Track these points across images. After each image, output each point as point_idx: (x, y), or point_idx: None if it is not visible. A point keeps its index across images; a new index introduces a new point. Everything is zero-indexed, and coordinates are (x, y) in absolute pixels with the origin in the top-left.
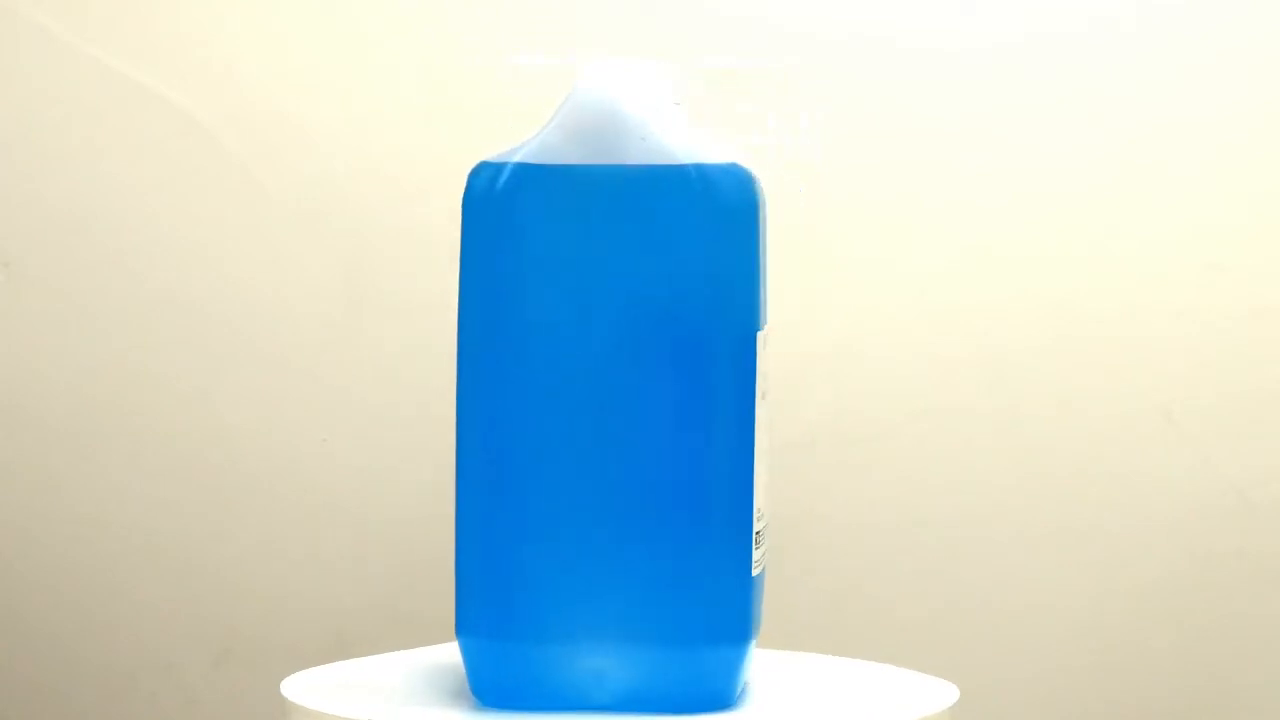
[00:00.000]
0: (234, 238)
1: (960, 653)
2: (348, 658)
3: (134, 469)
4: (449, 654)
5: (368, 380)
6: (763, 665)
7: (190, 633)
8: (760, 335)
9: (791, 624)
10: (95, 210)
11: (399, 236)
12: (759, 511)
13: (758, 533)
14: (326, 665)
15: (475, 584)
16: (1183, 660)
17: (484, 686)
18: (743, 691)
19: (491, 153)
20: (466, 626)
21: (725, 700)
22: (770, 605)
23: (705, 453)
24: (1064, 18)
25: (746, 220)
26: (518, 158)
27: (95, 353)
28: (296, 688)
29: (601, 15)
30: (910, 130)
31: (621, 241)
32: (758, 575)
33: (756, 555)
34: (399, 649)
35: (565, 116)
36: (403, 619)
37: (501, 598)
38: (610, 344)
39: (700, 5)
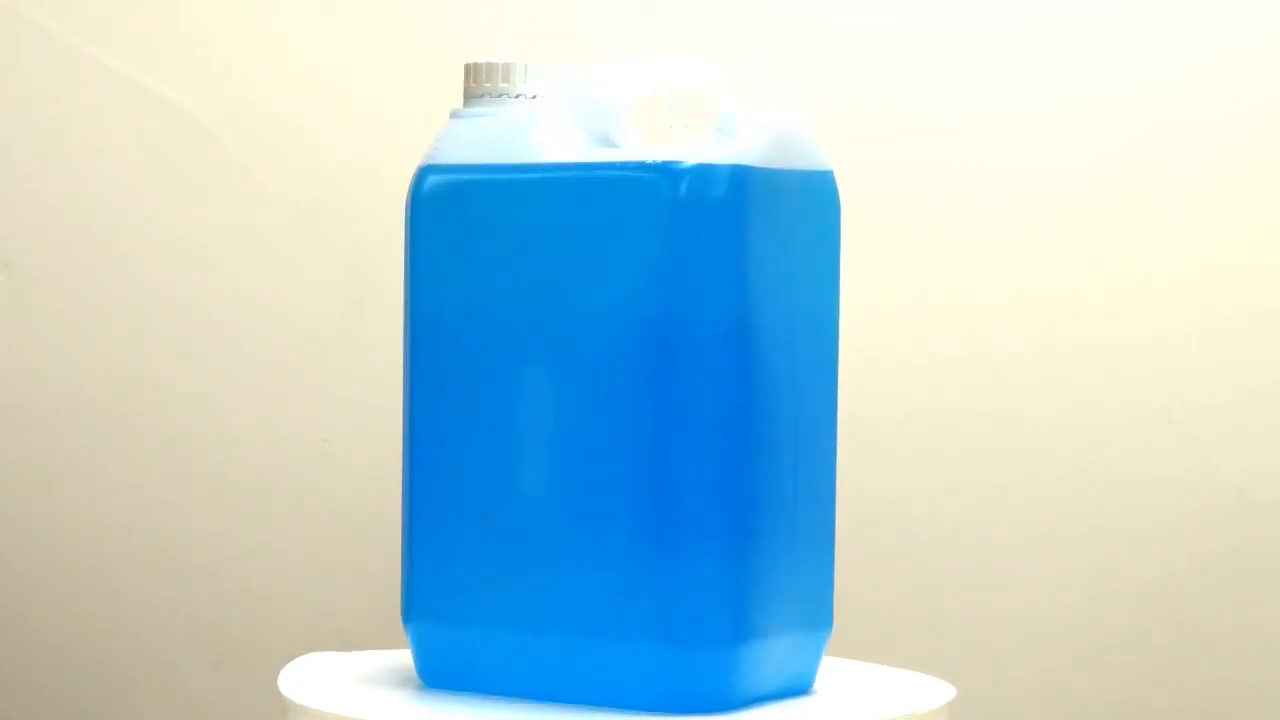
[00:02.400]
0: (234, 238)
1: (960, 652)
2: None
3: (134, 469)
4: None
5: (368, 380)
6: None
7: (190, 633)
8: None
9: None
10: (95, 210)
11: (399, 236)
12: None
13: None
14: (322, 652)
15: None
16: (1183, 660)
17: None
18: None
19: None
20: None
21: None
22: None
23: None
24: (1064, 18)
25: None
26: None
27: (95, 353)
28: (292, 682)
29: (602, 16)
30: (910, 131)
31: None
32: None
33: None
34: (399, 649)
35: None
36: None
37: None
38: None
39: (699, 5)
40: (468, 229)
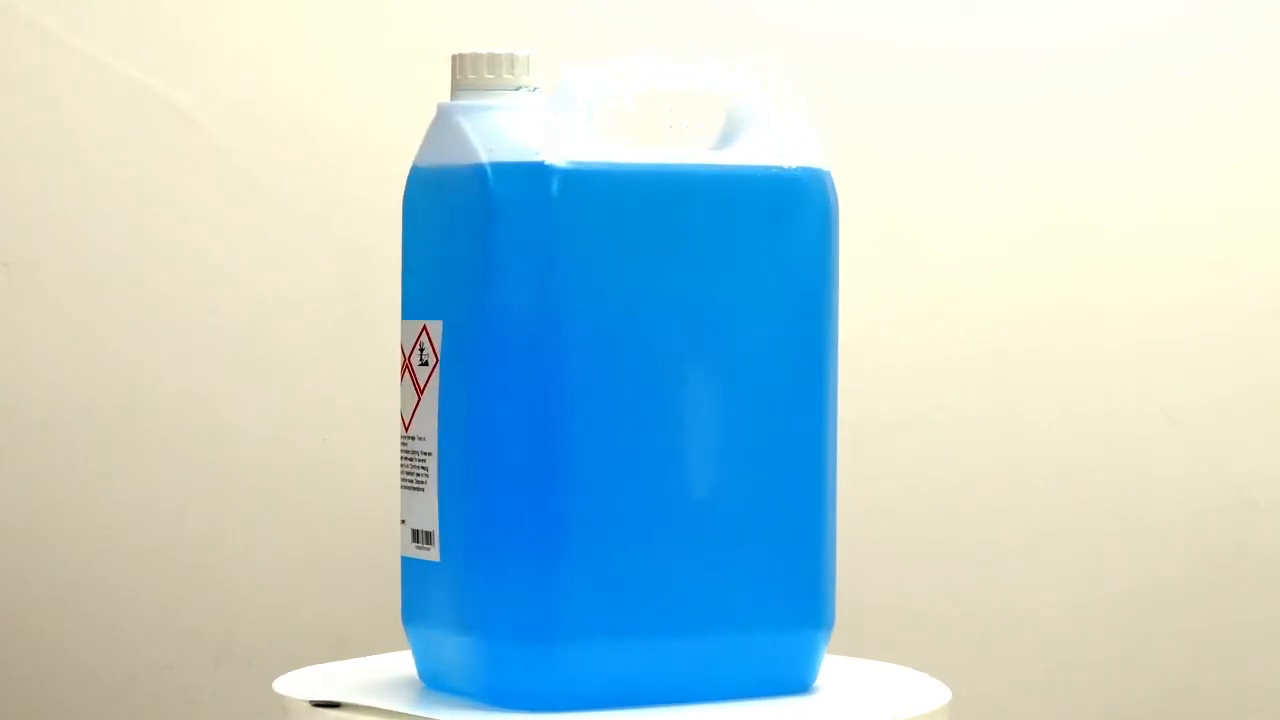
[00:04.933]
0: (234, 238)
1: (960, 652)
2: (347, 658)
3: (134, 469)
4: None
5: (368, 380)
6: None
7: (190, 633)
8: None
9: None
10: (95, 210)
11: (399, 236)
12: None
13: None
14: (321, 664)
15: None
16: (1183, 660)
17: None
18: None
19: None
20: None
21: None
22: None
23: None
24: (1064, 19)
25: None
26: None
27: (95, 353)
28: (291, 686)
29: (602, 16)
30: (911, 131)
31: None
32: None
33: None
34: (399, 649)
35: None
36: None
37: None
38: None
39: (697, 4)
40: (612, 231)
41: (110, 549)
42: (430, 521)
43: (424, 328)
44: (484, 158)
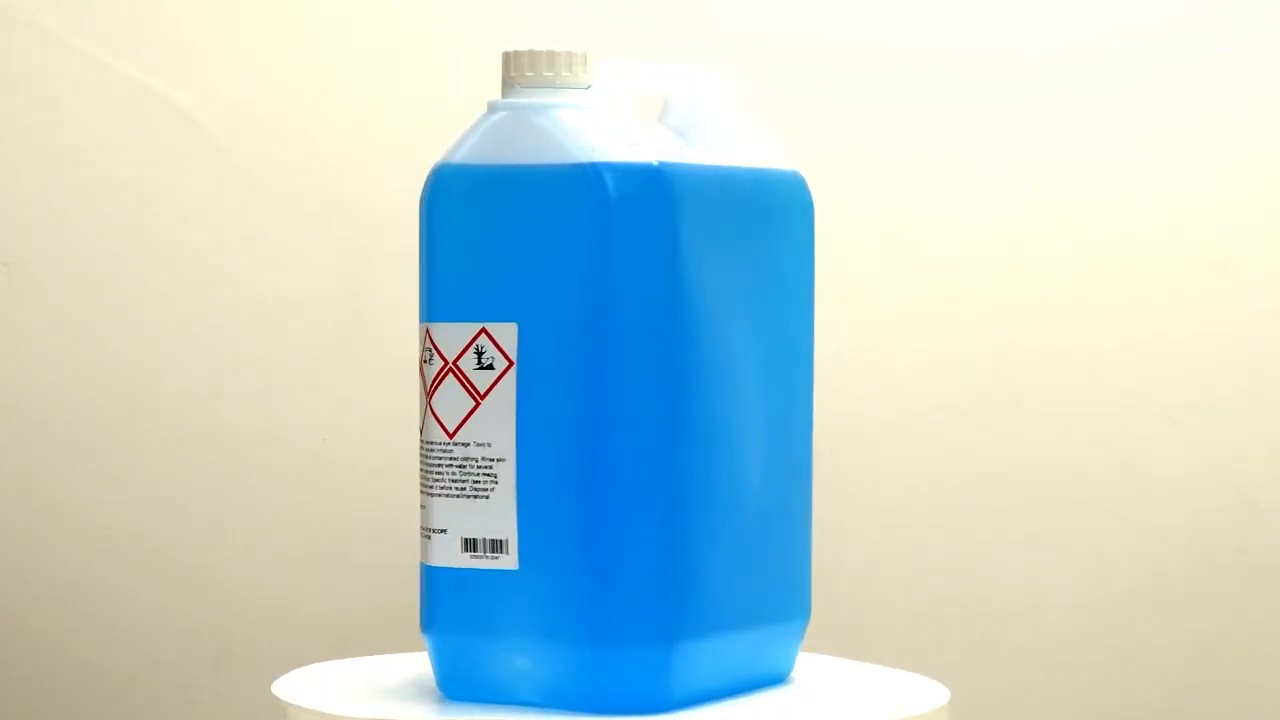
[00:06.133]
0: (234, 238)
1: (959, 652)
2: (347, 658)
3: (134, 469)
4: None
5: (368, 381)
6: None
7: (190, 633)
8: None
9: None
10: (95, 210)
11: (399, 237)
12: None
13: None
14: (319, 664)
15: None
16: (1183, 660)
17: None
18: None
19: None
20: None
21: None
22: None
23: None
24: (1064, 19)
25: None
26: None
27: (95, 353)
28: (289, 687)
29: (602, 17)
30: (911, 131)
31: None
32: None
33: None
34: (398, 650)
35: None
36: (402, 619)
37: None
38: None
39: (697, 10)
40: (696, 230)
41: (110, 549)
42: (502, 529)
43: (482, 330)
44: (587, 157)
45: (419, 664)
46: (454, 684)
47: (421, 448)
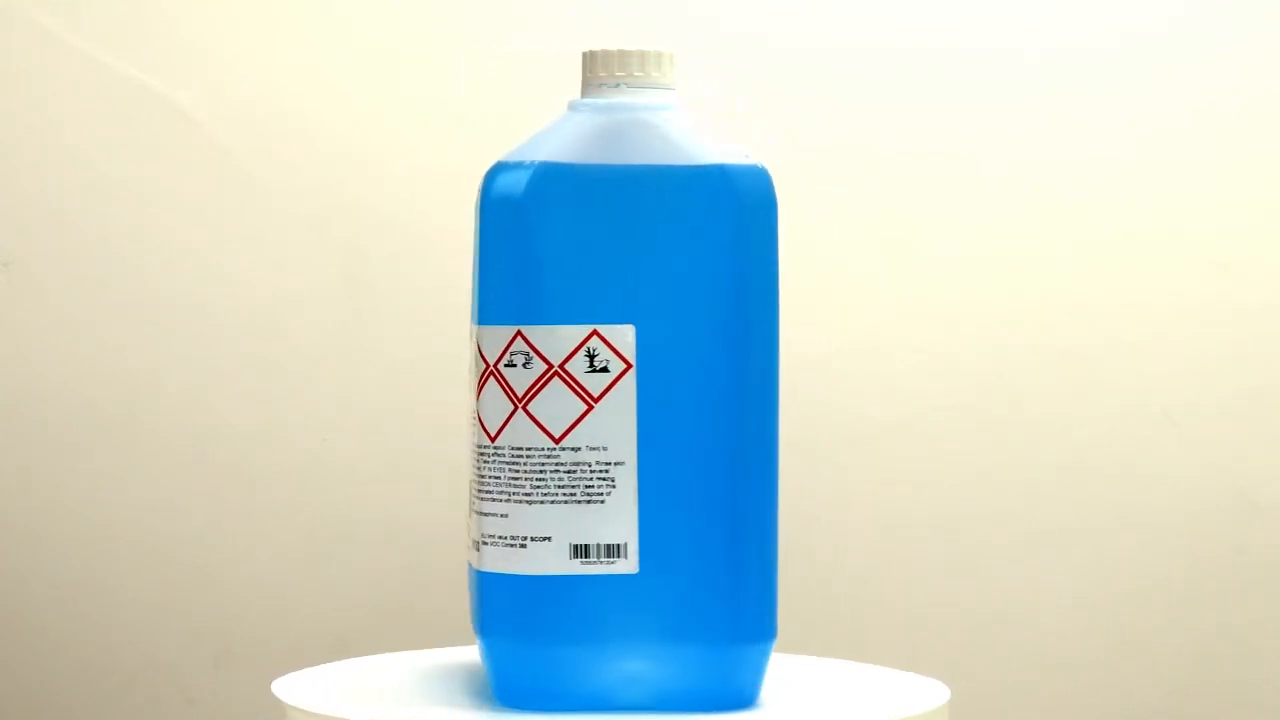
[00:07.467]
0: (234, 238)
1: (958, 653)
2: (347, 658)
3: (134, 469)
4: (450, 656)
5: (368, 380)
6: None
7: (190, 633)
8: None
9: (791, 624)
10: (95, 210)
11: (399, 236)
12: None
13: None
14: (319, 666)
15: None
16: (1183, 660)
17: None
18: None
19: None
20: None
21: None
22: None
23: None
24: (1064, 19)
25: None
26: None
27: (95, 353)
28: (289, 688)
29: (602, 17)
30: (912, 131)
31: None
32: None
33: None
34: (399, 649)
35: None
36: (402, 619)
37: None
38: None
39: (697, 10)
40: (776, 225)
41: (110, 549)
42: (620, 534)
43: (594, 332)
44: (712, 159)
45: (419, 664)
46: (515, 690)
47: (503, 455)
